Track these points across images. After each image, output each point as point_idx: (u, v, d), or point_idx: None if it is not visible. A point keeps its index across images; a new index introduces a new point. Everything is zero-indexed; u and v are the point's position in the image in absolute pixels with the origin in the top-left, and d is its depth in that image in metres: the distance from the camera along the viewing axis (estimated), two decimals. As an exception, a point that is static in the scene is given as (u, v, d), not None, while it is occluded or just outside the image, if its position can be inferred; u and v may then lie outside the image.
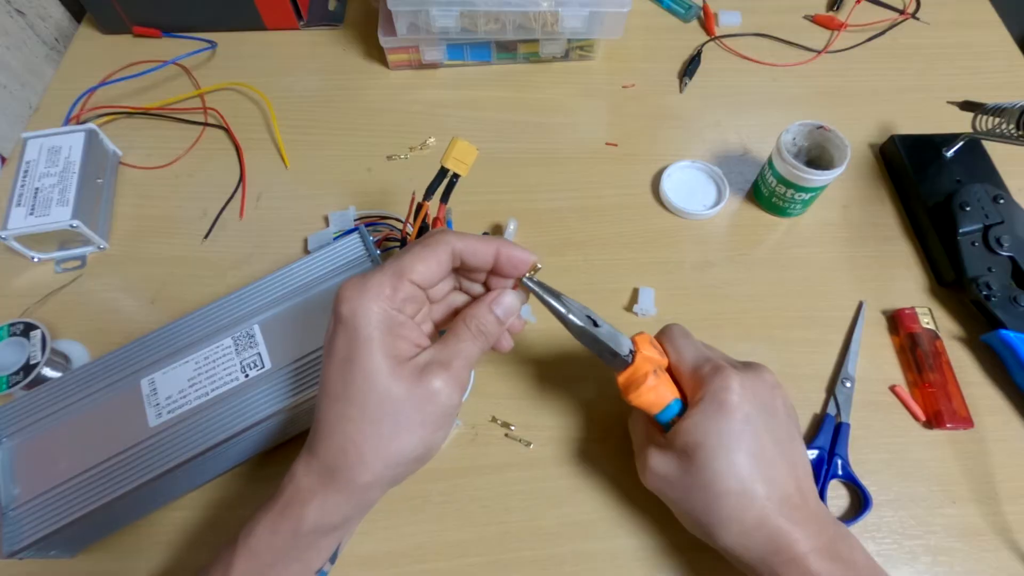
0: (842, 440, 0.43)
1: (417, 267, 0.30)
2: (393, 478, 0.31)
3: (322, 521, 0.30)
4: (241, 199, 0.54)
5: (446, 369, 0.30)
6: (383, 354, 0.29)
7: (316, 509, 0.30)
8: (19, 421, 0.38)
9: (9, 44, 0.60)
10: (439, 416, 0.30)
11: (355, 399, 0.29)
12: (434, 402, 0.30)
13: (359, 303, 0.29)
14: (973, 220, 0.48)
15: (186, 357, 0.39)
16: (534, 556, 0.40)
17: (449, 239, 0.31)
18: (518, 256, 0.32)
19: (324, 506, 0.30)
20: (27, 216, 0.48)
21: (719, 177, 0.55)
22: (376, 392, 0.29)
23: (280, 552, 0.30)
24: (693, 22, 0.67)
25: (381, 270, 0.30)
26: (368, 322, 0.29)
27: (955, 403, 0.44)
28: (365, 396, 0.29)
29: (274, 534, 0.30)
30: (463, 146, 0.36)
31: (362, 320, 0.29)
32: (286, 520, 0.30)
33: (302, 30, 0.66)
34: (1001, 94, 0.50)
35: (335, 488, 0.30)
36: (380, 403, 0.29)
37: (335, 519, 0.30)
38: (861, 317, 0.48)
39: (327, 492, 0.30)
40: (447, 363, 0.30)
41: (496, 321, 0.33)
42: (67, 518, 0.35)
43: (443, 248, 0.31)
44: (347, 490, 0.30)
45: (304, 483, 0.30)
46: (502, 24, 0.57)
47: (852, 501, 0.42)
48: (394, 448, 0.29)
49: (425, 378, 0.30)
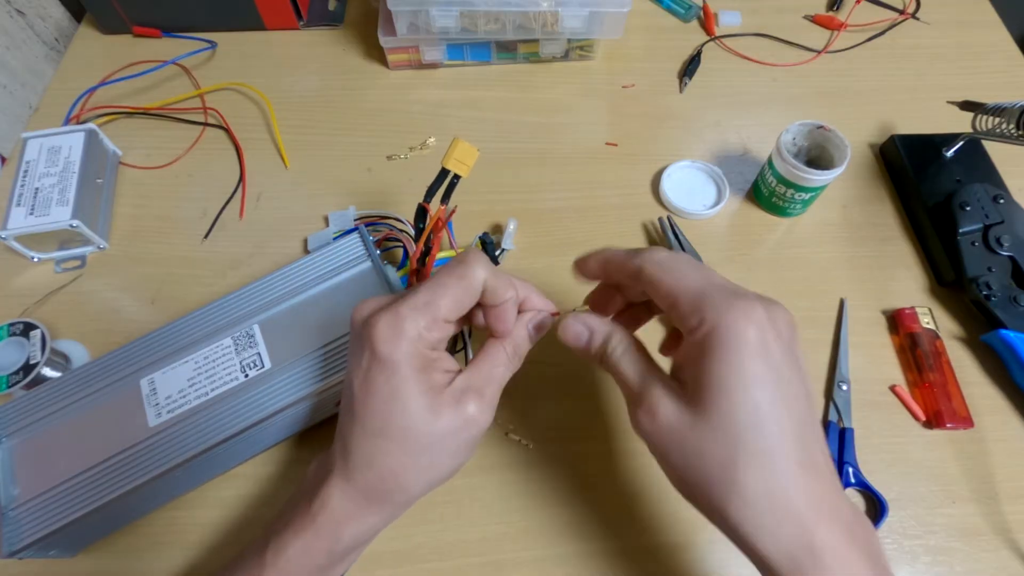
0: (849, 447, 0.43)
1: (451, 305, 0.30)
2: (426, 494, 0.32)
3: (358, 539, 0.31)
4: (241, 199, 0.54)
5: (482, 397, 0.31)
6: (421, 391, 0.29)
7: (353, 528, 0.30)
8: (19, 421, 0.38)
9: (9, 44, 0.60)
10: (474, 440, 0.31)
11: (396, 436, 0.29)
12: (470, 429, 0.30)
13: (395, 345, 0.29)
14: (973, 220, 0.48)
15: (186, 357, 0.39)
16: (534, 556, 0.40)
17: (481, 275, 0.30)
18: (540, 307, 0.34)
19: (361, 526, 0.31)
20: (27, 216, 0.48)
21: (719, 177, 0.55)
22: (417, 429, 0.29)
23: (313, 570, 0.31)
24: (693, 22, 0.67)
25: (416, 306, 0.29)
26: (407, 363, 0.29)
27: (955, 403, 0.44)
28: (406, 433, 0.29)
29: (307, 554, 0.31)
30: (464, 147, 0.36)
31: (401, 359, 0.29)
32: (321, 540, 0.31)
33: (302, 30, 0.66)
34: (1001, 94, 0.50)
35: (372, 512, 0.31)
36: (420, 438, 0.29)
37: (370, 536, 0.32)
38: (845, 316, 0.48)
39: (364, 514, 0.31)
40: (482, 390, 0.31)
41: (529, 340, 0.34)
42: (67, 518, 0.35)
43: (472, 284, 0.30)
44: (384, 512, 0.31)
45: (339, 507, 0.30)
46: (502, 24, 0.57)
47: (868, 509, 0.42)
48: (434, 475, 0.31)
49: (462, 407, 0.30)
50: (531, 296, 0.34)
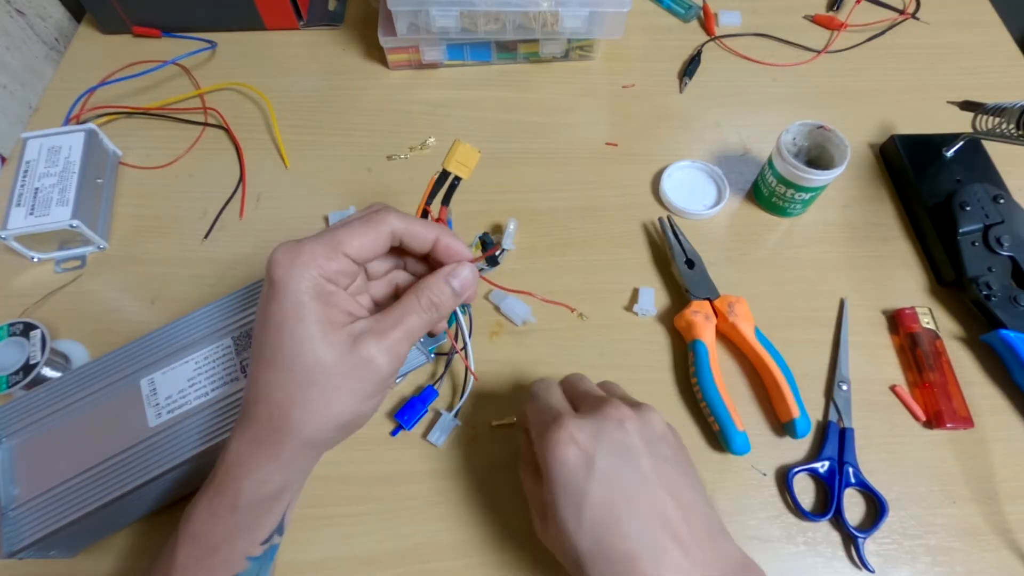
0: (849, 447, 0.43)
1: (354, 242, 0.30)
2: (323, 443, 0.30)
3: (257, 493, 0.30)
4: (241, 199, 0.54)
5: (381, 338, 0.29)
6: (313, 319, 0.29)
7: (250, 482, 0.29)
8: (19, 421, 0.38)
9: (9, 44, 0.60)
10: (370, 385, 0.29)
11: (283, 364, 0.29)
12: (366, 370, 0.29)
13: (290, 269, 0.29)
14: (973, 220, 0.48)
15: (186, 357, 0.39)
16: (534, 556, 0.40)
17: (390, 219, 0.31)
18: (456, 248, 0.32)
19: (257, 477, 0.30)
20: (27, 216, 0.48)
21: (719, 177, 0.55)
22: (304, 358, 0.28)
23: (221, 532, 0.30)
24: (693, 22, 0.67)
25: (317, 238, 0.30)
26: (299, 288, 0.29)
27: (955, 403, 0.44)
28: (293, 362, 0.29)
29: (213, 515, 0.30)
30: (465, 149, 0.36)
31: (293, 286, 0.29)
32: (222, 497, 0.30)
33: (302, 30, 0.66)
34: (1001, 94, 0.50)
35: (265, 457, 0.29)
36: (309, 369, 0.28)
37: (270, 489, 0.30)
38: (845, 316, 0.48)
39: (259, 462, 0.30)
40: (383, 332, 0.30)
41: (452, 294, 0.32)
42: (67, 518, 0.35)
43: (383, 227, 0.31)
44: (277, 458, 0.29)
45: (234, 456, 0.30)
46: (502, 24, 0.57)
47: (868, 509, 0.42)
48: (323, 415, 0.29)
49: (358, 346, 0.29)
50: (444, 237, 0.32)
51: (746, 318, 0.46)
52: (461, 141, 0.36)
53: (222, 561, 0.30)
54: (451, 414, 0.43)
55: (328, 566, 0.39)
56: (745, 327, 0.45)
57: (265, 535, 0.31)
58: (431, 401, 0.44)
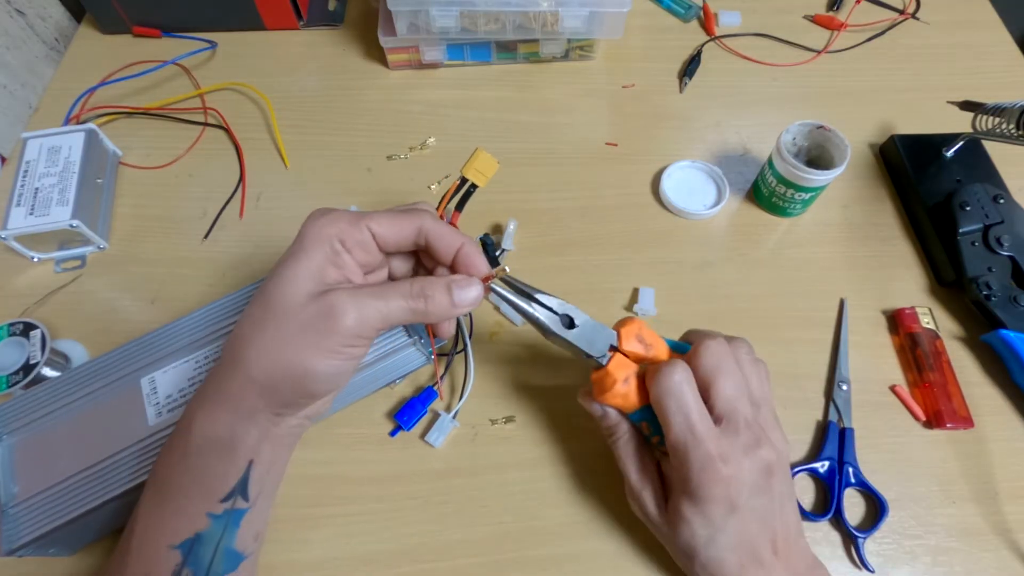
0: (849, 447, 0.43)
1: (382, 221, 0.31)
2: (271, 391, 0.29)
3: (206, 433, 0.29)
4: (241, 199, 0.54)
5: (352, 295, 0.29)
6: (305, 264, 0.29)
7: (199, 421, 0.30)
8: (19, 419, 0.38)
9: (9, 44, 0.60)
10: (328, 340, 0.28)
11: (261, 300, 0.29)
12: (325, 320, 0.28)
13: (314, 223, 0.30)
14: (973, 220, 0.48)
15: (187, 356, 0.39)
16: (534, 556, 0.40)
17: (424, 216, 0.32)
18: (474, 261, 0.33)
19: (206, 414, 0.30)
20: (27, 216, 0.48)
21: (719, 177, 0.55)
22: (275, 296, 0.29)
23: (176, 480, 0.30)
24: (693, 22, 0.67)
25: (349, 211, 0.32)
26: (311, 236, 0.30)
27: (955, 403, 0.44)
28: (267, 299, 0.29)
29: (168, 459, 0.30)
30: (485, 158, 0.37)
31: (309, 235, 0.30)
32: (177, 439, 0.30)
33: (302, 30, 0.66)
34: (1001, 94, 0.50)
35: (215, 390, 0.30)
36: (274, 305, 0.29)
37: (219, 431, 0.29)
38: (845, 316, 0.48)
39: (209, 395, 0.30)
40: (357, 292, 0.29)
41: (449, 304, 0.31)
42: (66, 516, 0.35)
43: (415, 219, 0.32)
44: (226, 393, 0.30)
45: (194, 398, 0.31)
46: (502, 24, 0.57)
47: (868, 509, 0.42)
48: (273, 355, 0.29)
49: (326, 295, 0.29)
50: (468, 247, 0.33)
51: (656, 341, 0.36)
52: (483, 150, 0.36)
53: (179, 511, 0.30)
54: (450, 415, 0.43)
55: (327, 566, 0.39)
56: (661, 350, 0.36)
57: (223, 491, 0.30)
58: (430, 402, 0.44)
